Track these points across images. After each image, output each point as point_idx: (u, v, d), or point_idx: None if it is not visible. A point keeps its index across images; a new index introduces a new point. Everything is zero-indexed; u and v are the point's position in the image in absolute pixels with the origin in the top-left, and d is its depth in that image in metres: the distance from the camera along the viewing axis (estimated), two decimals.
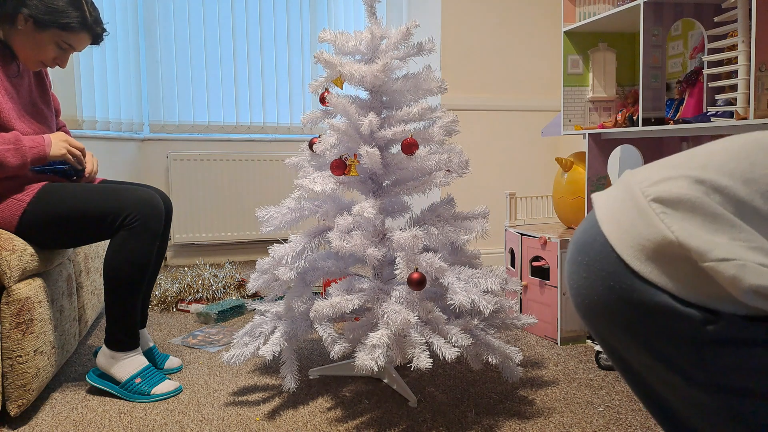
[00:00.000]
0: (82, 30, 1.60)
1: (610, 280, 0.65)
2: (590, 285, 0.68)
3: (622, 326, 0.66)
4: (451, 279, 1.39)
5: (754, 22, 1.39)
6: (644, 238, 0.62)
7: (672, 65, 2.00)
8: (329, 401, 1.57)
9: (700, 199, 0.60)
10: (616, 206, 0.67)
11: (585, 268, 0.69)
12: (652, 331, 0.63)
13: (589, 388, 1.65)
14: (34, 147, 1.52)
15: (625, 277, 0.64)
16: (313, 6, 3.66)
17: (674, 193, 0.61)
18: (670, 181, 0.62)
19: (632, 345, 0.67)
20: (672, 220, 0.60)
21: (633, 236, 0.63)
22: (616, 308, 0.65)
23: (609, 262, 0.65)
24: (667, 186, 0.62)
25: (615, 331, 0.67)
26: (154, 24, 3.39)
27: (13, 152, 1.47)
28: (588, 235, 0.69)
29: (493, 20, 3.19)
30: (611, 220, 0.67)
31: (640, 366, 0.69)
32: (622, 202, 0.66)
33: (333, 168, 1.47)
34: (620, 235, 0.65)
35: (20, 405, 1.41)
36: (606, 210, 0.68)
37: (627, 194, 0.66)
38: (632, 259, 0.63)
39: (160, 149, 3.47)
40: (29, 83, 1.67)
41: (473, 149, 3.20)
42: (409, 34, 1.50)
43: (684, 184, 0.61)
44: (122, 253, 1.55)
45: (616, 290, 0.65)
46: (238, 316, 2.41)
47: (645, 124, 1.75)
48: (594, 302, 0.68)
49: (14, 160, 1.47)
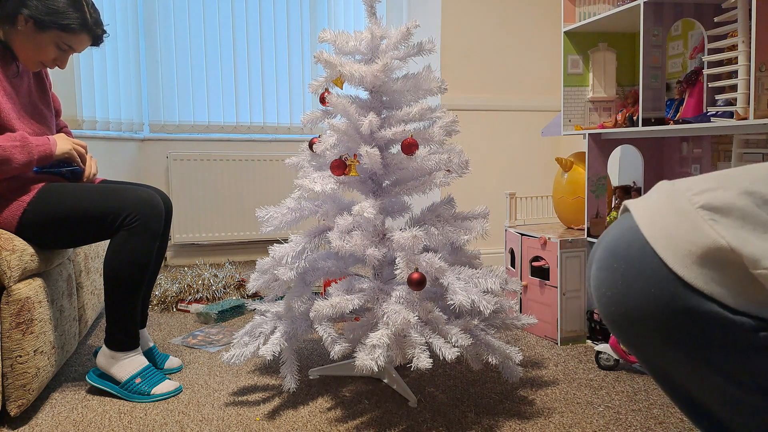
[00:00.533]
0: (83, 31, 1.60)
1: (651, 286, 0.63)
2: (627, 292, 0.65)
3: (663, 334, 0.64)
4: (451, 279, 1.39)
5: (754, 22, 1.39)
6: (692, 244, 0.60)
7: (672, 65, 2.00)
8: (329, 401, 1.57)
9: (750, 208, 0.59)
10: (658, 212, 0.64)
11: (621, 274, 0.66)
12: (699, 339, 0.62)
13: (589, 388, 1.65)
14: (40, 145, 1.53)
15: (668, 283, 0.61)
16: (313, 6, 3.66)
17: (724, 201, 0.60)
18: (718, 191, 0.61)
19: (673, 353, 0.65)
20: (722, 227, 0.59)
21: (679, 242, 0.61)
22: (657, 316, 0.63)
23: (651, 268, 0.63)
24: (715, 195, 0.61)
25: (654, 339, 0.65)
26: (154, 24, 3.39)
27: (20, 150, 1.47)
28: (624, 240, 0.66)
29: (493, 20, 3.19)
30: (653, 226, 0.64)
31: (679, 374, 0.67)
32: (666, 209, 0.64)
33: (333, 168, 1.47)
34: (664, 241, 0.62)
35: (20, 405, 1.41)
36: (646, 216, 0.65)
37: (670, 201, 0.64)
38: (678, 265, 0.61)
39: (160, 149, 3.47)
40: (29, 84, 1.67)
41: (473, 149, 3.20)
42: (409, 34, 1.50)
43: (733, 194, 0.60)
44: (122, 253, 1.55)
45: (659, 297, 0.62)
46: (238, 316, 2.41)
47: (645, 124, 1.75)
48: (630, 310, 0.65)
49: (21, 158, 1.48)
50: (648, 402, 1.55)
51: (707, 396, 0.67)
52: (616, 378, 1.71)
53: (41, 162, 1.54)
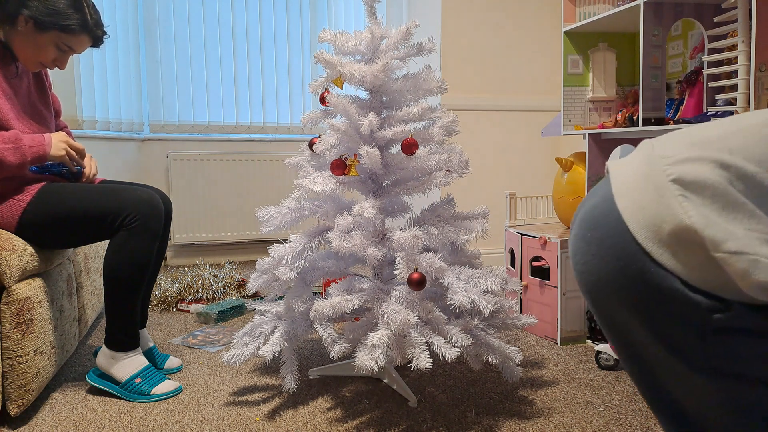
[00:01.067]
0: (83, 32, 1.59)
1: (619, 259, 0.64)
2: (599, 262, 0.66)
3: (629, 306, 0.65)
4: (451, 279, 1.39)
5: (754, 22, 1.39)
6: (661, 221, 0.61)
7: (672, 65, 2.00)
8: (329, 401, 1.57)
9: (722, 186, 0.58)
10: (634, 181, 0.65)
11: (596, 244, 0.67)
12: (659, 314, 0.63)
13: (589, 388, 1.65)
14: (34, 146, 1.52)
15: (637, 257, 0.62)
16: (313, 6, 3.66)
17: (697, 176, 0.59)
18: (695, 163, 0.60)
19: (637, 326, 0.66)
20: (691, 205, 0.59)
21: (649, 216, 0.62)
22: (626, 288, 0.64)
23: (622, 240, 0.64)
24: (690, 168, 0.60)
25: (621, 310, 0.66)
26: (154, 24, 3.39)
27: (12, 151, 1.47)
28: (600, 210, 0.67)
29: (493, 20, 3.19)
30: (628, 196, 0.64)
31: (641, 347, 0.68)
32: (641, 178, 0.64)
33: (333, 168, 1.47)
34: (636, 214, 0.63)
35: (20, 405, 1.41)
36: (623, 184, 0.66)
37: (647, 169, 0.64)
38: (646, 240, 0.62)
39: (160, 149, 3.47)
40: (28, 84, 1.67)
41: (473, 149, 3.20)
42: (409, 34, 1.50)
43: (708, 169, 0.59)
44: (122, 253, 1.55)
45: (627, 270, 0.63)
46: (238, 316, 2.41)
47: (645, 124, 1.75)
48: (602, 280, 0.66)
49: (14, 159, 1.47)
50: None
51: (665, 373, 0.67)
52: (616, 378, 1.71)
53: (35, 162, 1.54)
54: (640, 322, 0.65)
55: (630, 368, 0.73)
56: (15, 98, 1.59)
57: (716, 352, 0.61)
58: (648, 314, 0.64)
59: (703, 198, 0.59)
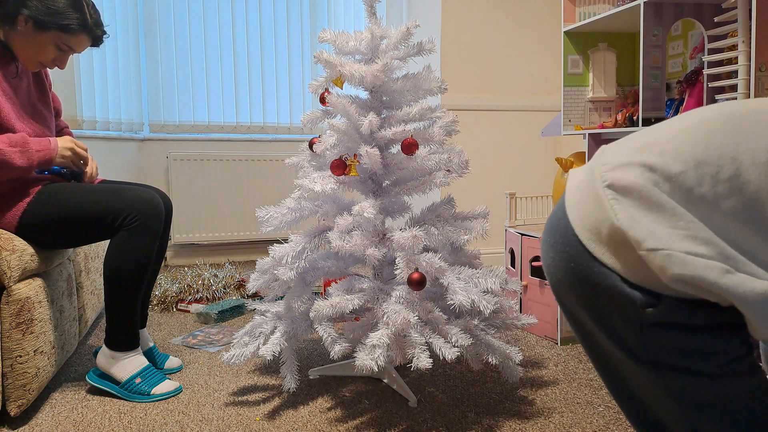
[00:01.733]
0: (82, 32, 1.59)
1: (571, 260, 0.70)
2: (557, 265, 0.72)
3: (582, 304, 0.70)
4: (451, 279, 1.39)
5: (754, 22, 1.40)
6: (599, 223, 0.66)
7: (672, 65, 2.00)
8: (329, 401, 1.57)
9: (647, 189, 0.63)
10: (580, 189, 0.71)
11: (553, 248, 0.73)
12: (605, 310, 0.68)
13: (589, 388, 1.65)
14: (41, 150, 1.52)
15: (583, 258, 0.68)
16: (313, 6, 3.66)
17: (626, 181, 0.65)
18: (626, 168, 0.66)
19: (591, 323, 0.71)
20: (620, 207, 0.64)
21: (590, 220, 0.68)
22: (577, 287, 0.70)
23: (570, 244, 0.70)
24: (621, 173, 0.66)
25: (578, 309, 0.72)
26: (154, 24, 3.39)
27: (20, 154, 1.47)
28: (555, 217, 0.74)
29: (493, 20, 3.19)
30: (574, 203, 0.71)
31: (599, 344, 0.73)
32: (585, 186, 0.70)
33: (333, 168, 1.47)
34: (580, 219, 0.69)
35: (20, 405, 1.41)
36: (572, 192, 0.72)
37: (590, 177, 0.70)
38: (588, 242, 0.67)
39: (160, 149, 3.47)
40: (28, 84, 1.67)
41: (473, 149, 3.20)
42: (409, 34, 1.50)
43: (637, 173, 0.65)
44: (122, 253, 1.55)
45: (576, 270, 0.69)
46: (238, 316, 2.41)
47: (645, 124, 1.75)
48: (560, 281, 0.72)
49: (21, 162, 1.47)
50: None
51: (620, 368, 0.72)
52: None
53: (41, 166, 1.54)
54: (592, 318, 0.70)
55: (595, 366, 0.78)
56: (15, 98, 1.59)
57: (652, 344, 0.65)
58: (596, 311, 0.69)
59: (631, 200, 0.64)
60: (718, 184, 0.62)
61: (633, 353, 0.67)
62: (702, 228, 0.61)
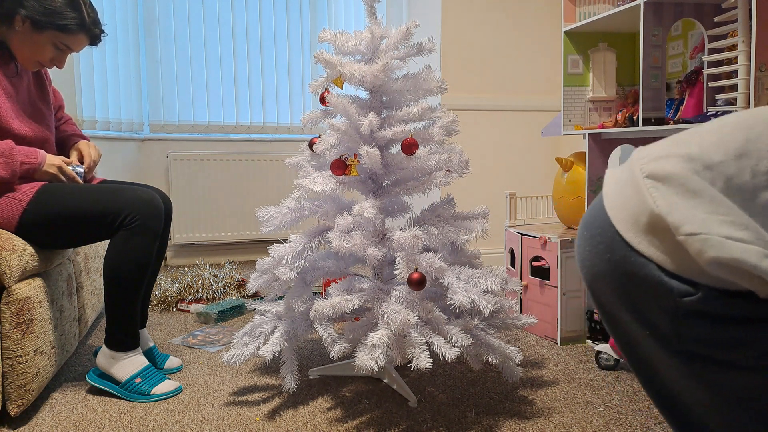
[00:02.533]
0: (80, 31, 1.59)
1: (607, 252, 0.70)
2: (592, 257, 0.72)
3: (618, 295, 0.71)
4: (451, 279, 1.39)
5: (754, 22, 1.39)
6: (638, 212, 0.66)
7: (672, 65, 2.00)
8: (329, 401, 1.57)
9: (686, 176, 0.64)
10: (619, 183, 0.71)
11: (589, 241, 0.73)
12: (641, 300, 0.68)
13: (589, 388, 1.65)
14: (25, 162, 1.51)
15: (620, 248, 0.68)
16: (313, 6, 3.66)
17: (666, 170, 0.65)
18: (665, 159, 0.66)
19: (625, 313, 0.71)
20: (659, 194, 0.64)
21: (628, 210, 0.68)
22: (613, 278, 0.70)
23: (608, 235, 0.70)
24: (661, 163, 0.66)
25: (612, 300, 0.72)
26: (154, 24, 3.39)
27: (3, 165, 1.46)
28: (593, 210, 0.74)
29: (493, 20, 3.19)
30: (612, 195, 0.71)
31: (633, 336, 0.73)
32: (624, 179, 0.70)
33: (333, 168, 1.47)
34: (618, 210, 0.69)
35: (20, 405, 1.41)
36: (610, 186, 0.73)
37: (629, 171, 0.70)
38: (626, 232, 0.68)
39: (160, 149, 3.47)
40: (28, 83, 1.67)
41: (473, 149, 3.20)
42: (409, 34, 1.50)
43: (677, 162, 0.65)
44: (122, 253, 1.55)
45: (613, 261, 0.69)
46: (238, 316, 2.41)
47: (645, 124, 1.75)
48: (596, 273, 0.72)
49: (3, 173, 1.47)
50: (648, 402, 1.55)
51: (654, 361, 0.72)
52: (616, 378, 1.71)
53: (24, 175, 1.53)
54: (627, 309, 0.70)
55: (629, 360, 0.78)
56: (15, 97, 1.59)
57: (686, 335, 0.65)
58: (632, 301, 0.69)
59: (670, 187, 0.64)
60: (757, 176, 0.62)
61: (667, 343, 0.67)
62: (741, 215, 0.61)
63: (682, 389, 0.70)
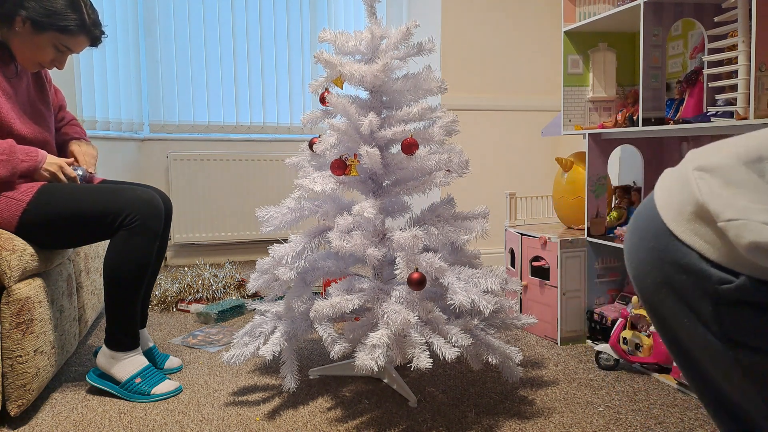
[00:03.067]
0: (81, 33, 1.59)
1: (652, 240, 0.73)
2: (637, 247, 0.75)
3: (660, 283, 0.73)
4: (451, 279, 1.39)
5: (754, 22, 1.39)
6: (683, 202, 0.69)
7: (672, 65, 2.00)
8: (329, 401, 1.57)
9: (733, 167, 0.66)
10: (669, 179, 0.74)
11: (635, 233, 0.76)
12: (682, 287, 0.70)
13: (589, 388, 1.65)
14: (25, 161, 1.52)
15: (664, 238, 0.70)
16: (313, 6, 3.66)
17: (713, 162, 0.67)
18: (716, 154, 0.69)
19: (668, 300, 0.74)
20: (704, 183, 0.66)
21: (675, 201, 0.70)
22: (657, 265, 0.73)
23: (654, 226, 0.72)
24: (710, 157, 0.69)
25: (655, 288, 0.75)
26: (154, 24, 3.39)
27: (3, 164, 1.47)
28: (644, 206, 0.77)
29: (493, 20, 3.19)
30: (663, 189, 0.74)
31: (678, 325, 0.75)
32: (674, 175, 0.73)
33: (333, 168, 1.47)
34: (665, 201, 0.72)
35: (20, 405, 1.41)
36: (662, 182, 0.75)
37: (680, 167, 0.73)
38: (671, 222, 0.70)
39: (160, 149, 3.47)
40: (28, 84, 1.67)
41: (473, 149, 3.20)
42: (409, 34, 1.50)
43: (724, 154, 0.67)
44: (122, 253, 1.55)
45: (656, 249, 0.72)
46: (238, 316, 2.41)
47: (645, 124, 1.75)
48: (641, 262, 0.75)
49: (4, 172, 1.47)
50: (648, 402, 1.55)
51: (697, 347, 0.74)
52: (616, 378, 1.71)
53: (24, 175, 1.53)
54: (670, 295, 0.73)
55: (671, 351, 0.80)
56: (15, 98, 1.59)
57: (727, 322, 0.67)
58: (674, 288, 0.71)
59: (715, 177, 0.66)
60: None
61: (709, 328, 0.69)
62: None
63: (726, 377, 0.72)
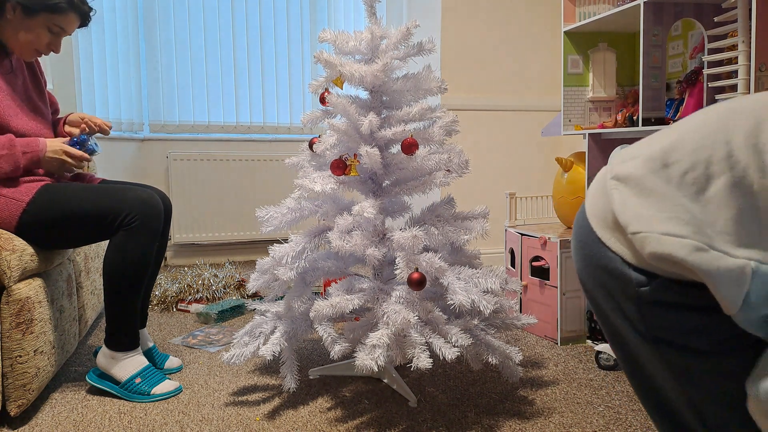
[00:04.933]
0: (71, 10, 1.59)
1: (585, 248, 0.77)
2: (577, 254, 0.80)
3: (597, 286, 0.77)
4: (451, 279, 1.39)
5: (754, 22, 1.40)
6: (604, 211, 0.73)
7: (672, 65, 2.00)
8: (329, 401, 1.57)
9: (642, 176, 0.69)
10: (596, 184, 0.78)
11: (574, 238, 0.81)
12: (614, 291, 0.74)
13: (589, 388, 1.65)
14: (27, 152, 1.52)
15: (594, 244, 0.75)
16: (313, 6, 3.66)
17: (627, 171, 0.70)
18: (630, 161, 0.72)
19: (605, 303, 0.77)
20: (617, 194, 0.70)
21: (599, 209, 0.74)
22: (591, 271, 0.77)
23: (585, 232, 0.77)
24: (626, 165, 0.72)
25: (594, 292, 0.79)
26: (154, 24, 3.39)
27: (6, 158, 1.47)
28: (579, 213, 0.81)
29: (493, 20, 3.19)
30: (590, 196, 0.78)
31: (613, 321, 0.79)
32: (599, 180, 0.77)
33: (333, 168, 1.47)
34: (591, 209, 0.76)
35: (20, 405, 1.41)
36: (591, 188, 0.79)
37: (603, 173, 0.77)
38: (598, 228, 0.74)
39: (160, 149, 3.47)
40: (24, 80, 1.67)
41: (473, 149, 3.20)
42: (409, 34, 1.50)
43: (638, 163, 0.70)
44: (122, 253, 1.55)
45: (589, 256, 0.76)
46: (238, 316, 2.41)
47: (645, 124, 1.75)
48: (582, 269, 0.79)
49: (6, 166, 1.48)
50: None
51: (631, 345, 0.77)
52: (616, 378, 1.71)
53: (28, 167, 1.54)
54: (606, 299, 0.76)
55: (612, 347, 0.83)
56: (13, 93, 1.59)
57: (650, 322, 0.71)
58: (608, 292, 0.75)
59: (628, 188, 0.70)
60: (711, 166, 0.66)
61: (635, 328, 0.73)
62: (685, 210, 0.65)
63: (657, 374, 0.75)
